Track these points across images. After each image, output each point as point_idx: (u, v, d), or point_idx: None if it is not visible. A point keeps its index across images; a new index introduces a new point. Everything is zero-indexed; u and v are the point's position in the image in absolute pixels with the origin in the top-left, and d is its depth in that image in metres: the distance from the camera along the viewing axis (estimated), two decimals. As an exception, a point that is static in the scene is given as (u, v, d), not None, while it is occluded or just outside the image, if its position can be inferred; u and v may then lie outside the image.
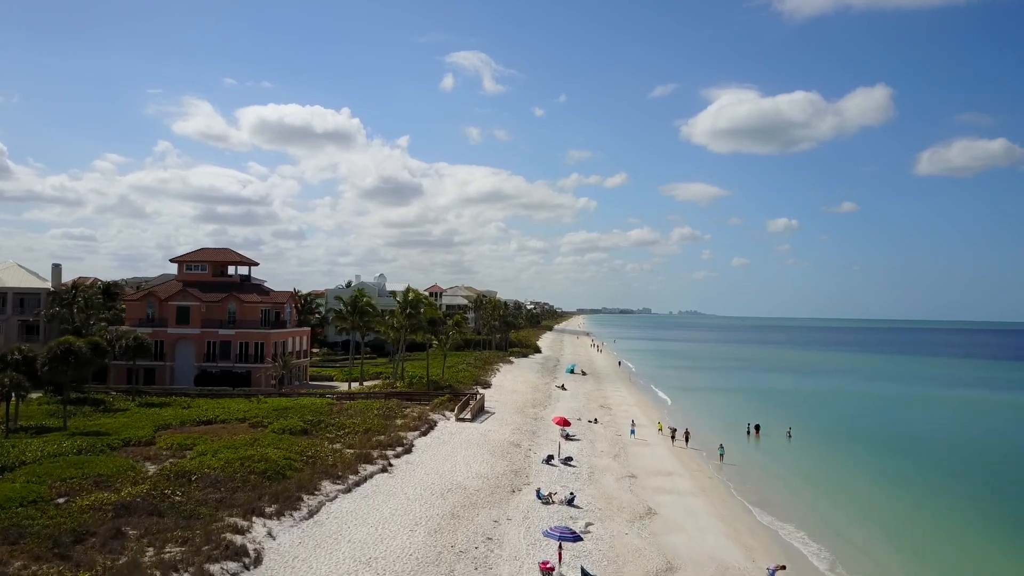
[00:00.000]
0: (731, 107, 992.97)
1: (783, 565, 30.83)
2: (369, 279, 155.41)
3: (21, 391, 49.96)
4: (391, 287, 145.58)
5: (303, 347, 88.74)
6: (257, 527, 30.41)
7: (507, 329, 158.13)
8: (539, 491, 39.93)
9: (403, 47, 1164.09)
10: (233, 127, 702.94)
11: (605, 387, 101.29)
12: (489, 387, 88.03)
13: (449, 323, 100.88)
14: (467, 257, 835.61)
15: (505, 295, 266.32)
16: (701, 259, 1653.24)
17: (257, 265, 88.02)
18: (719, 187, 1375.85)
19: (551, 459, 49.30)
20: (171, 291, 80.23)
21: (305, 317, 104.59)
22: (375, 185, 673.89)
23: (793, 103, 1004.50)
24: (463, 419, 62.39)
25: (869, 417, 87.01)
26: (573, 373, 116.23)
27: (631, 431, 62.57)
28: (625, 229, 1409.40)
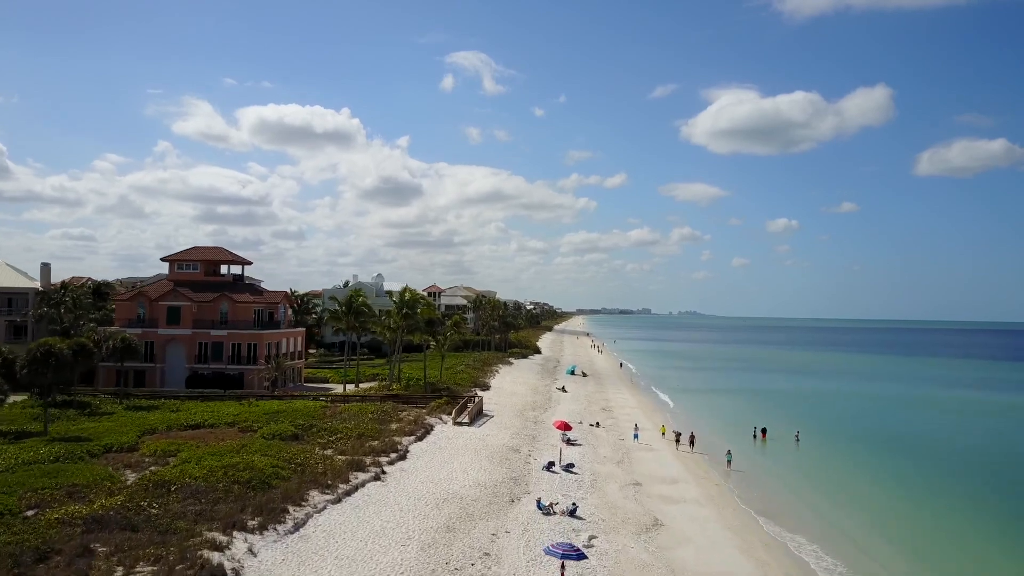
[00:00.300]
0: (731, 107, 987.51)
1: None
2: (367, 279, 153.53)
3: (-1, 394, 48.08)
4: (391, 287, 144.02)
5: (298, 348, 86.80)
6: (237, 543, 28.40)
7: (506, 330, 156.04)
8: (540, 501, 37.95)
9: (403, 47, 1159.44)
10: (233, 127, 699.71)
11: (606, 389, 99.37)
12: (488, 389, 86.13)
13: (447, 323, 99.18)
14: (467, 257, 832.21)
15: (505, 295, 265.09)
16: (701, 259, 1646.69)
17: (250, 264, 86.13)
18: (719, 187, 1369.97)
19: (552, 465, 47.35)
20: (161, 291, 78.22)
21: (301, 317, 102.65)
22: (375, 185, 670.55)
23: (793, 103, 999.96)
24: (461, 423, 60.46)
25: (870, 418, 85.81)
26: (573, 374, 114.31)
27: (634, 435, 60.65)
28: (625, 229, 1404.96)
